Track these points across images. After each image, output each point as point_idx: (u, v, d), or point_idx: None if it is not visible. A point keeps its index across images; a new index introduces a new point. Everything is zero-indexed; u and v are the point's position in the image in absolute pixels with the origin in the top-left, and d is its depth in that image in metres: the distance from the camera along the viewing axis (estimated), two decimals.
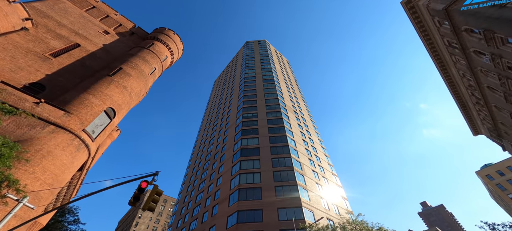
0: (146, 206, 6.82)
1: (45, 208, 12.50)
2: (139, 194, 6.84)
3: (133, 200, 6.69)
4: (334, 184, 44.56)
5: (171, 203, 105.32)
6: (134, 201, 6.74)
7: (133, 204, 6.73)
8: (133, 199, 6.72)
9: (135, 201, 6.70)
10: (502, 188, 69.52)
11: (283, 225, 28.85)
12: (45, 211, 10.05)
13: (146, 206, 6.82)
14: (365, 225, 25.44)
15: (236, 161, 39.59)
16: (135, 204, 6.76)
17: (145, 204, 6.86)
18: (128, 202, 6.65)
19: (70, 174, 14.29)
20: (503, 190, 69.18)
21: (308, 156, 44.51)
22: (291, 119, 51.15)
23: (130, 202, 6.67)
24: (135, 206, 6.47)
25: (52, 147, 13.18)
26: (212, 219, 35.31)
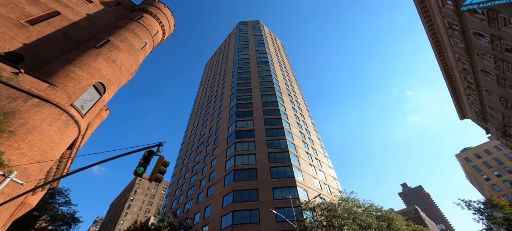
0: (153, 177, 6.31)
1: (35, 186, 11.68)
2: (145, 163, 6.29)
3: (139, 169, 6.13)
4: (326, 166, 45.91)
5: (163, 186, 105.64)
6: (140, 170, 6.19)
7: (139, 174, 6.18)
8: (139, 168, 6.17)
9: (141, 169, 6.16)
10: (478, 170, 74.99)
11: (278, 203, 29.60)
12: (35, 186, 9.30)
13: (153, 177, 6.31)
14: (357, 202, 26.61)
15: (231, 143, 39.37)
16: (141, 174, 6.22)
17: (152, 174, 6.35)
18: (133, 172, 6.10)
19: (60, 151, 13.35)
20: (478, 171, 74.69)
21: (302, 138, 45.08)
22: (285, 102, 50.94)
23: (136, 171, 6.12)
24: (140, 176, 5.93)
25: (38, 121, 12.08)
26: (208, 199, 35.64)
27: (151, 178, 6.31)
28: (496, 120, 30.02)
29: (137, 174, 6.21)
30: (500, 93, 24.19)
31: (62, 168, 17.03)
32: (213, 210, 32.74)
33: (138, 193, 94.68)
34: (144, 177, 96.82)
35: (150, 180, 6.28)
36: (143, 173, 6.27)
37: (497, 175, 70.54)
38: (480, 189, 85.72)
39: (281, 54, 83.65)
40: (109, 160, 6.76)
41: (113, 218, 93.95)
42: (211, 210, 33.14)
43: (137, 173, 6.21)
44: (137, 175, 6.21)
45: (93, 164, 7.30)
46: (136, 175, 6.20)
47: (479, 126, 36.78)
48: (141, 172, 6.26)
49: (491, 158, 73.29)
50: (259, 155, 36.00)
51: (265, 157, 35.69)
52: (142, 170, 6.28)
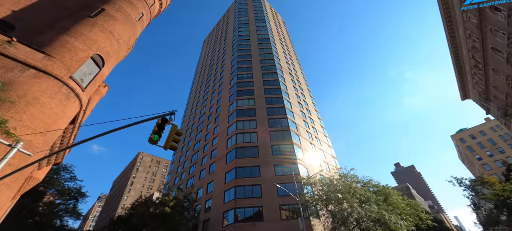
0: (168, 145, 6.10)
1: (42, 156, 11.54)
2: (159, 130, 6.04)
3: (153, 136, 5.90)
4: (326, 145, 46.67)
5: (164, 164, 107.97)
6: (155, 138, 5.96)
7: (154, 142, 5.96)
8: (154, 136, 5.93)
9: (156, 137, 5.92)
10: (471, 150, 77.17)
11: (280, 179, 30.41)
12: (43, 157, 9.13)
13: (168, 145, 6.10)
14: (356, 178, 27.41)
15: (232, 121, 39.33)
16: (156, 141, 6.00)
17: (167, 142, 6.13)
18: (148, 140, 5.87)
19: (63, 125, 13.03)
20: (471, 152, 76.92)
21: (303, 117, 45.15)
22: (287, 81, 50.12)
23: (150, 139, 5.89)
24: (155, 144, 5.71)
25: (38, 93, 11.57)
26: (210, 176, 36.52)
27: (166, 146, 6.10)
28: (499, 100, 29.97)
29: (152, 142, 5.98)
30: (508, 73, 23.80)
31: (65, 143, 16.86)
32: (216, 186, 33.71)
33: (140, 171, 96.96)
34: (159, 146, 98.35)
35: (165, 148, 6.08)
36: (158, 141, 6.06)
37: (489, 155, 72.83)
38: (471, 168, 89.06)
39: (282, 31, 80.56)
40: (121, 128, 6.48)
41: (117, 194, 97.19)
42: (214, 186, 34.12)
43: (152, 140, 5.98)
44: (152, 142, 5.99)
45: (102, 134, 7.04)
46: (151, 143, 5.98)
47: (480, 106, 36.88)
48: (156, 139, 6.03)
49: (486, 139, 75.05)
50: (260, 133, 36.20)
51: (266, 135, 35.91)
52: (157, 138, 6.05)
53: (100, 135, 7.26)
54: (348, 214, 20.53)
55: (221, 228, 27.92)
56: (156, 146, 5.95)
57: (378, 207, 21.47)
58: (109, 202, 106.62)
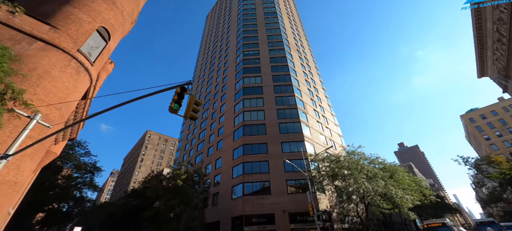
0: (188, 115, 5.95)
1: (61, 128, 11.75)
2: (179, 99, 5.85)
3: (174, 105, 5.73)
4: (332, 123, 46.48)
5: (171, 142, 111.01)
6: (175, 107, 5.81)
7: (174, 111, 5.81)
8: (174, 104, 5.76)
9: (176, 106, 5.76)
10: (480, 130, 75.99)
11: (287, 156, 30.89)
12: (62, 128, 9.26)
13: (188, 115, 5.95)
14: (363, 155, 27.56)
15: (239, 99, 39.07)
16: (176, 110, 5.84)
17: (187, 111, 5.98)
18: (168, 109, 5.72)
19: (76, 99, 13.04)
20: (480, 132, 75.82)
21: (310, 96, 44.45)
22: (294, 58, 48.50)
23: (171, 108, 5.73)
24: (176, 113, 5.55)
25: (48, 66, 11.38)
26: (218, 152, 37.40)
27: (186, 115, 5.96)
28: None
29: (172, 111, 5.84)
30: None
31: (79, 118, 17.12)
32: (224, 162, 34.65)
33: (148, 149, 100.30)
34: (179, 115, 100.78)
35: (185, 117, 5.95)
36: (178, 110, 5.90)
37: (498, 135, 71.74)
38: (477, 148, 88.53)
39: (290, 5, 76.06)
40: (137, 99, 6.31)
41: (129, 170, 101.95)
42: (222, 162, 35.08)
43: (172, 109, 5.83)
44: (173, 111, 5.84)
45: (118, 105, 6.92)
46: (171, 112, 5.84)
47: (498, 84, 35.29)
48: (176, 108, 5.88)
49: (496, 119, 73.33)
50: (267, 111, 36.06)
51: (273, 113, 35.78)
52: (177, 107, 5.89)
53: (116, 106, 7.15)
54: (356, 189, 21.04)
55: (231, 200, 29.24)
56: (176, 115, 5.80)
57: (385, 182, 21.84)
58: (121, 177, 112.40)
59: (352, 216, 31.92)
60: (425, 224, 25.58)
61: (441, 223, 24.13)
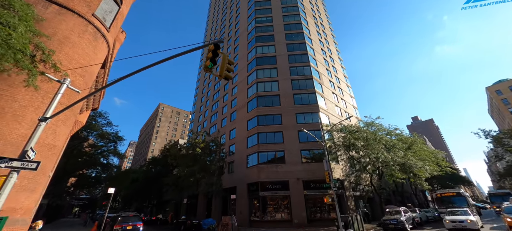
0: (223, 73, 5.61)
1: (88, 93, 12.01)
2: (213, 57, 5.47)
3: (209, 62, 5.39)
4: (348, 95, 44.99)
5: (184, 115, 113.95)
6: (210, 66, 5.47)
7: (208, 69, 5.49)
8: (209, 63, 5.41)
9: (211, 64, 5.42)
10: (506, 103, 71.29)
11: (301, 127, 30.82)
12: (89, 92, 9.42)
13: (223, 73, 5.61)
14: (381, 126, 26.92)
15: (252, 70, 38.04)
16: (211, 69, 5.52)
17: (221, 71, 5.64)
18: (203, 67, 5.39)
19: (97, 67, 13.02)
20: (506, 104, 71.19)
21: (326, 66, 42.43)
22: (310, 25, 45.28)
23: (206, 66, 5.40)
24: (210, 71, 5.21)
25: (66, 31, 11.14)
26: (232, 123, 37.94)
27: (221, 74, 5.63)
28: None
29: (207, 69, 5.52)
30: None
31: (99, 86, 17.42)
32: (238, 133, 35.31)
33: (162, 121, 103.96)
34: (214, 73, 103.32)
35: (220, 77, 5.63)
36: (212, 69, 5.57)
37: None
38: (500, 122, 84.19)
39: None
40: (167, 59, 5.98)
41: (146, 141, 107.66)
42: (236, 133, 35.76)
43: (207, 67, 5.51)
44: (207, 70, 5.52)
45: (149, 66, 6.66)
46: (206, 70, 5.53)
47: None
48: (211, 67, 5.54)
49: None
50: (282, 82, 35.13)
51: (288, 84, 34.83)
52: (212, 65, 5.54)
53: (145, 68, 6.91)
54: (375, 159, 21.00)
55: (246, 168, 30.44)
56: (211, 73, 5.48)
57: (404, 153, 21.55)
58: (139, 147, 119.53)
59: (364, 185, 32.67)
60: (439, 194, 25.77)
61: (455, 193, 24.20)
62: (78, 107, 12.21)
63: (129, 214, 17.62)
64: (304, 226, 24.06)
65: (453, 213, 19.02)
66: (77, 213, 66.56)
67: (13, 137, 8.53)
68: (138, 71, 6.80)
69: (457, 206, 22.97)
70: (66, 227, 27.30)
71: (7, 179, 7.04)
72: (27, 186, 9.09)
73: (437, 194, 24.95)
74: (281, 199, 27.21)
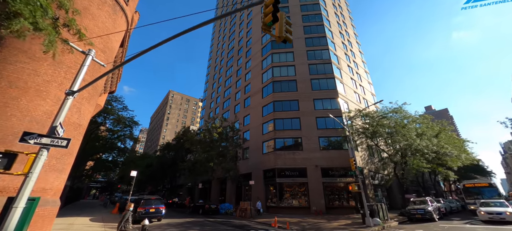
0: (282, 34, 4.58)
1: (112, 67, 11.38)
2: (275, 11, 4.44)
3: (271, 17, 4.37)
4: (366, 81, 42.85)
5: (193, 102, 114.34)
6: (269, 24, 4.45)
7: (267, 27, 4.48)
8: (268, 21, 4.39)
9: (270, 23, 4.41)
10: None
11: (319, 113, 29.66)
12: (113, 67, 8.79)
13: (282, 34, 4.58)
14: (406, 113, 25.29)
15: (267, 54, 36.49)
16: (269, 27, 4.51)
17: (280, 31, 4.60)
18: (261, 26, 4.38)
19: (117, 43, 12.25)
20: None
21: (344, 50, 40.14)
22: (328, 6, 42.51)
23: (264, 24, 4.40)
24: (269, 31, 4.19)
25: (86, 2, 10.27)
26: (245, 110, 37.15)
27: (280, 34, 4.61)
28: None
29: (265, 27, 4.52)
30: None
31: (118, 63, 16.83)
32: (252, 119, 34.56)
33: (173, 108, 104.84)
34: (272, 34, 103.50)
35: (278, 39, 4.62)
36: (271, 27, 4.56)
37: None
38: None
39: None
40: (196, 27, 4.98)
41: (156, 127, 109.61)
42: (250, 119, 35.03)
43: (265, 25, 4.50)
44: (266, 28, 4.53)
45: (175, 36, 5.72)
46: (264, 29, 4.54)
47: None
48: (270, 25, 4.52)
49: None
50: (298, 67, 33.56)
51: (305, 68, 33.23)
52: (271, 24, 4.52)
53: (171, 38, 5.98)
54: (407, 146, 19.74)
55: (262, 155, 29.93)
56: (269, 33, 4.48)
57: (438, 140, 20.15)
58: (150, 134, 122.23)
59: (383, 173, 31.59)
60: (467, 184, 24.39)
61: (487, 184, 22.79)
62: (100, 86, 11.62)
63: (151, 197, 17.55)
64: (322, 213, 23.61)
65: (487, 204, 17.84)
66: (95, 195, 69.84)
67: (38, 114, 8.02)
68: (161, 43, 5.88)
69: (487, 198, 21.70)
70: (89, 208, 28.23)
71: (37, 157, 6.55)
72: (55, 166, 8.71)
73: (465, 184, 23.60)
74: (298, 186, 26.72)
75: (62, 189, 9.59)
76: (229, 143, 26.95)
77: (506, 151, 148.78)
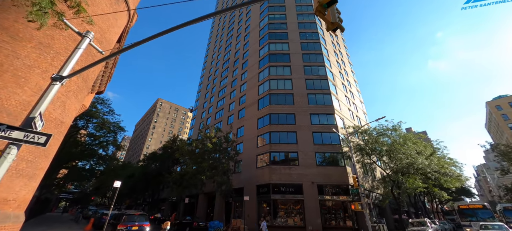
0: (335, 22, 3.89)
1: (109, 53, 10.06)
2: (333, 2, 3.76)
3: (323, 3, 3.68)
4: (358, 99, 43.93)
5: (182, 112, 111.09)
6: (325, 5, 3.75)
7: (322, 10, 3.77)
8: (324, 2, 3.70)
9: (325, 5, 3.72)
10: (506, 118, 72.05)
11: (315, 128, 29.33)
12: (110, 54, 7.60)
13: (335, 22, 3.89)
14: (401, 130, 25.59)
15: (264, 66, 36.44)
16: (324, 10, 3.80)
17: (333, 18, 3.91)
18: (314, 11, 3.68)
19: (115, 35, 11.08)
20: (506, 120, 71.93)
21: (338, 68, 41.31)
22: (323, 25, 44.18)
23: (320, 6, 3.68)
24: (322, 15, 3.49)
25: None
26: (239, 121, 36.06)
27: (333, 22, 3.91)
28: None
29: (320, 9, 3.80)
30: None
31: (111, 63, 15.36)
32: (247, 131, 33.46)
33: (160, 117, 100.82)
34: (324, 19, 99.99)
35: (332, 25, 3.91)
36: (325, 10, 3.86)
37: None
38: (497, 137, 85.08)
39: None
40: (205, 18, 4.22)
41: (141, 135, 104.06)
42: (245, 131, 33.90)
43: (321, 6, 3.79)
44: (320, 11, 3.81)
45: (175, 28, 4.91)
46: (318, 12, 3.82)
47: None
48: (326, 7, 3.82)
49: None
50: (295, 81, 33.63)
51: (302, 83, 33.35)
52: (327, 6, 3.82)
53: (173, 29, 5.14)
54: (408, 164, 19.54)
55: (255, 169, 28.56)
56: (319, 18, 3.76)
57: (438, 159, 20.25)
58: (133, 142, 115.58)
59: (377, 193, 31.25)
60: (461, 206, 24.54)
61: (482, 205, 23.04)
62: (91, 79, 10.22)
63: (135, 213, 15.46)
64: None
65: (486, 227, 17.71)
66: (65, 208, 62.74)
67: (11, 104, 6.53)
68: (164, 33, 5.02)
69: (482, 219, 21.83)
70: (57, 223, 24.64)
71: (2, 156, 5.07)
72: (24, 170, 7.06)
73: (460, 206, 23.71)
74: (294, 203, 25.41)
75: (29, 200, 7.80)
76: (223, 154, 25.38)
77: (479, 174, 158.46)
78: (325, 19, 3.86)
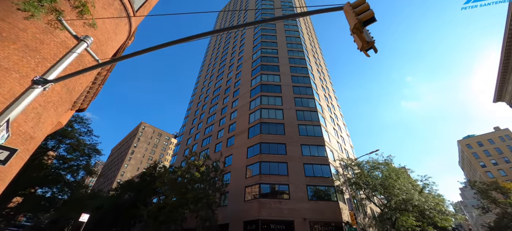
0: (370, 41, 3.75)
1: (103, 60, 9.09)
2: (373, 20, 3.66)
3: (372, 13, 3.55)
4: (345, 133, 45.08)
5: (166, 137, 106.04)
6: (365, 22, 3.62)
7: (359, 30, 3.61)
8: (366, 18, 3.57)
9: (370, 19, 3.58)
10: (476, 156, 77.42)
11: (306, 159, 28.81)
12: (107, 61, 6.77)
13: (370, 41, 3.75)
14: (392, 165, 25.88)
15: (256, 95, 36.90)
16: (362, 28, 3.65)
17: (369, 38, 3.78)
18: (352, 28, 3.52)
19: (112, 50, 10.44)
20: (477, 158, 77.22)
21: (326, 102, 43.05)
22: (311, 62, 47.33)
23: (359, 24, 3.54)
24: (359, 33, 3.34)
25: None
26: (228, 149, 34.66)
27: (369, 41, 3.75)
28: None
29: (359, 26, 3.63)
30: None
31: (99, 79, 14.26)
32: (235, 160, 31.96)
33: (141, 141, 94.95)
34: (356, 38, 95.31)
35: (367, 44, 3.73)
36: (363, 28, 3.70)
37: (493, 164, 73.25)
38: (470, 175, 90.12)
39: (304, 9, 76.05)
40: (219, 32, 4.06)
41: (116, 161, 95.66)
42: (233, 159, 32.36)
43: (360, 24, 3.62)
44: (358, 29, 3.64)
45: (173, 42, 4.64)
46: (355, 31, 3.63)
47: None
48: (365, 25, 3.67)
49: (493, 147, 75.15)
50: (286, 111, 34.05)
51: (293, 113, 33.81)
52: (366, 23, 3.68)
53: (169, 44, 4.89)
54: (405, 200, 19.10)
55: (243, 202, 26.46)
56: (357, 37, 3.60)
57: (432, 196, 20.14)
58: (106, 168, 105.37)
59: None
60: None
61: None
62: (78, 91, 9.13)
63: None
64: None
65: None
66: None
67: None
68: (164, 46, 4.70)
69: None
70: None
71: None
72: None
73: None
74: None
75: None
76: (209, 185, 23.31)
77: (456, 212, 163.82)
78: (361, 38, 3.67)
